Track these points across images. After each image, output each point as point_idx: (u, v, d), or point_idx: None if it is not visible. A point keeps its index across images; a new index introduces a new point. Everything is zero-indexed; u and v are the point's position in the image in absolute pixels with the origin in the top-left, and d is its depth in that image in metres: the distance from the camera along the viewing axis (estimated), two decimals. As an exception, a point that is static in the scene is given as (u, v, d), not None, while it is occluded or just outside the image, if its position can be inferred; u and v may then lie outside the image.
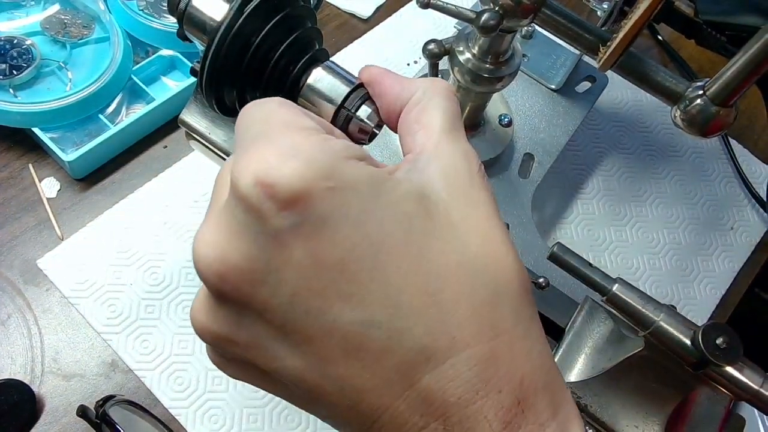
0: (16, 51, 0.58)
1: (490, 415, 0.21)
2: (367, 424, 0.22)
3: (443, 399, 0.21)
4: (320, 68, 0.30)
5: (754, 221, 0.68)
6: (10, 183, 0.57)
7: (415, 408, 0.21)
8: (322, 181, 0.20)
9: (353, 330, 0.20)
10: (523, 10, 0.40)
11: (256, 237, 0.20)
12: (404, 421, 0.21)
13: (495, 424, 0.21)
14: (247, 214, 0.20)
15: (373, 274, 0.21)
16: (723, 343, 0.36)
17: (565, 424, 0.22)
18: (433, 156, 0.24)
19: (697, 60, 0.77)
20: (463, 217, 0.22)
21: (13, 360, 0.50)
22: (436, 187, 0.23)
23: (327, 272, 0.20)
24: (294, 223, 0.20)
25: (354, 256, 0.20)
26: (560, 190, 0.66)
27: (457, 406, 0.20)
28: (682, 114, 0.42)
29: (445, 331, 0.21)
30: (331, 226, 0.20)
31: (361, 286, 0.20)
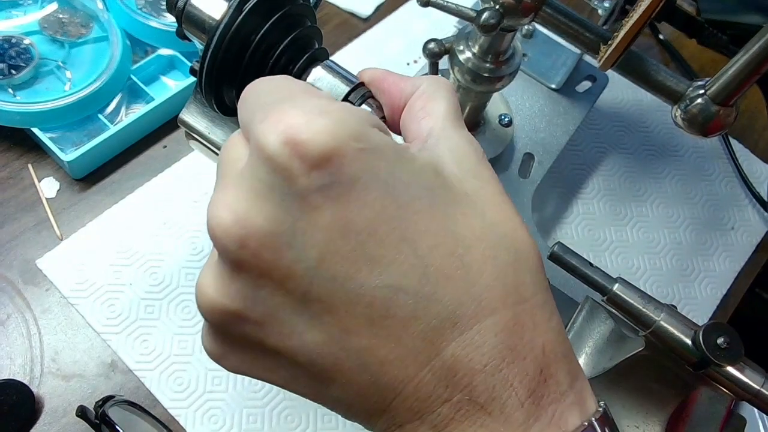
0: (15, 50, 0.58)
1: (515, 383, 0.20)
2: (386, 401, 0.21)
3: (470, 367, 0.20)
4: (320, 67, 0.30)
5: (755, 221, 0.67)
6: (9, 183, 0.57)
7: (440, 378, 0.20)
8: (352, 141, 0.20)
9: (380, 296, 0.20)
10: (524, 8, 0.40)
11: (282, 198, 0.19)
12: (428, 394, 0.20)
13: (521, 392, 0.20)
14: (274, 175, 0.19)
15: (402, 237, 0.20)
16: (724, 343, 0.36)
17: (581, 393, 0.22)
18: (441, 137, 0.24)
19: (698, 59, 0.77)
20: (476, 189, 0.22)
21: (13, 360, 0.50)
22: (447, 163, 0.23)
23: (356, 235, 0.20)
24: (324, 184, 0.19)
25: (383, 219, 0.20)
26: (560, 190, 0.65)
27: (483, 374, 0.20)
28: (683, 113, 0.42)
29: (473, 296, 0.20)
30: (361, 187, 0.20)
31: (390, 250, 0.20)
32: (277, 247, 0.20)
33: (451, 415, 0.20)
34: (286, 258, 0.20)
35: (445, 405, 0.20)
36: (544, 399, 0.21)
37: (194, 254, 0.56)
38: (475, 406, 0.20)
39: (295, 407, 0.51)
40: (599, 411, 0.22)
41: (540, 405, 0.20)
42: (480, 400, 0.20)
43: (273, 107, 0.21)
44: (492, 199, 0.23)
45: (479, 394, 0.20)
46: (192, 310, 0.53)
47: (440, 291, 0.20)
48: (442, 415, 0.20)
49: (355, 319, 0.20)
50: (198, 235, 0.57)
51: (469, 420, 0.20)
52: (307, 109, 0.20)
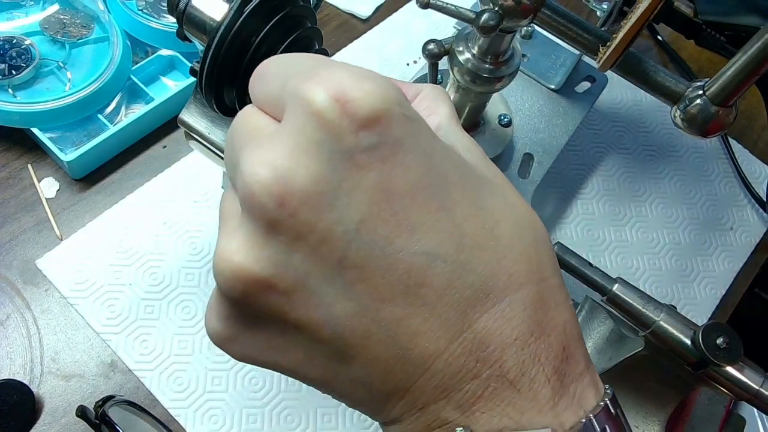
0: (15, 51, 0.58)
1: (542, 358, 0.20)
2: (412, 378, 0.20)
3: (501, 340, 0.20)
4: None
5: (754, 221, 0.68)
6: (9, 183, 0.57)
7: (471, 351, 0.20)
8: (398, 106, 0.20)
9: (418, 263, 0.19)
10: (523, 10, 0.40)
11: (329, 156, 0.19)
12: (458, 369, 0.20)
13: (548, 369, 0.20)
14: (322, 131, 0.19)
15: (441, 205, 0.20)
16: (723, 343, 0.36)
17: (594, 374, 0.22)
18: (449, 132, 0.24)
19: (697, 60, 0.77)
20: (493, 176, 0.23)
21: (13, 360, 0.50)
22: (461, 152, 0.23)
23: (398, 199, 0.19)
24: (372, 144, 0.19)
25: (424, 185, 0.20)
26: (560, 190, 0.66)
27: (513, 347, 0.20)
28: (682, 114, 0.42)
29: (503, 268, 0.20)
30: (406, 151, 0.20)
31: (430, 216, 0.20)
32: (318, 208, 0.19)
33: (479, 392, 0.20)
34: (326, 219, 0.19)
35: (473, 381, 0.20)
36: (567, 377, 0.21)
37: (194, 254, 0.56)
38: (504, 382, 0.20)
39: (295, 407, 0.51)
40: (608, 393, 0.22)
41: (563, 383, 0.20)
42: (509, 376, 0.20)
43: (314, 70, 0.20)
44: (507, 184, 0.23)
45: (509, 369, 0.20)
46: (192, 310, 0.54)
47: (474, 261, 0.20)
48: (470, 393, 0.20)
49: (391, 287, 0.20)
50: (198, 235, 0.57)
51: (497, 398, 0.20)
52: (354, 71, 0.20)
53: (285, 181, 0.19)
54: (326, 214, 0.19)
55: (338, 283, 0.20)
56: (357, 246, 0.19)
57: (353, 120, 0.19)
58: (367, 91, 0.19)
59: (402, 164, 0.19)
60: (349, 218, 0.19)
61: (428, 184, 0.20)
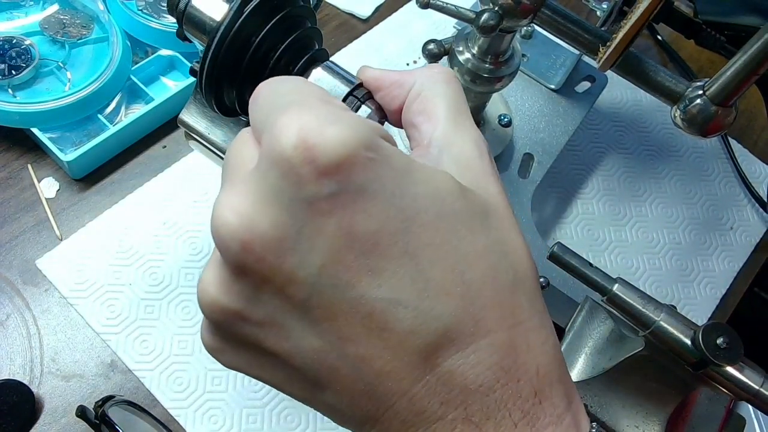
0: (15, 51, 0.58)
1: (509, 404, 0.20)
2: (379, 412, 0.21)
3: (464, 386, 0.20)
4: (320, 68, 0.30)
5: (754, 221, 0.68)
6: (9, 183, 0.57)
7: (434, 394, 0.20)
8: (364, 150, 0.20)
9: (379, 307, 0.20)
10: (523, 10, 0.40)
11: (290, 203, 0.19)
12: (422, 409, 0.20)
13: (515, 413, 0.20)
14: (283, 179, 0.19)
15: (405, 250, 0.20)
16: (723, 343, 0.36)
17: (577, 415, 0.22)
18: (443, 146, 0.24)
19: (697, 60, 0.77)
20: (482, 204, 0.22)
21: (12, 360, 0.50)
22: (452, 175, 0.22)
23: (359, 244, 0.20)
24: (332, 191, 0.19)
25: (387, 230, 0.20)
26: (560, 190, 0.66)
27: (477, 393, 0.20)
28: (682, 114, 0.42)
29: (471, 314, 0.20)
30: (369, 197, 0.20)
31: (392, 262, 0.20)
32: (280, 252, 0.20)
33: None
34: (289, 263, 0.20)
35: (439, 422, 0.20)
36: (540, 421, 0.21)
37: (194, 254, 0.56)
38: (471, 424, 0.20)
39: (294, 407, 0.51)
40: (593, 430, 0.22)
41: (535, 427, 0.21)
42: (474, 419, 0.20)
43: (287, 109, 0.20)
44: (496, 215, 0.22)
45: (474, 412, 0.20)
46: (192, 310, 0.54)
47: (439, 307, 0.20)
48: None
49: (353, 328, 0.20)
50: (198, 235, 0.57)
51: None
52: (322, 115, 0.20)
53: (248, 227, 0.20)
54: (289, 258, 0.20)
55: (305, 320, 0.20)
56: (319, 289, 0.20)
57: (314, 167, 0.19)
58: (330, 137, 0.19)
59: (363, 211, 0.20)
60: (311, 263, 0.20)
61: (393, 229, 0.20)
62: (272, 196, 0.20)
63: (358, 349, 0.20)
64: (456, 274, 0.20)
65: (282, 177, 0.19)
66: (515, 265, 0.22)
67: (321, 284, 0.20)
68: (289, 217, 0.20)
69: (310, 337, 0.21)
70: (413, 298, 0.20)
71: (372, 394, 0.21)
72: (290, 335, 0.21)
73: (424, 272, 0.20)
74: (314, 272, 0.20)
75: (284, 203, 0.20)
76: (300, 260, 0.20)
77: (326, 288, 0.20)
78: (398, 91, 0.26)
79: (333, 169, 0.19)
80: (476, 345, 0.20)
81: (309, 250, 0.20)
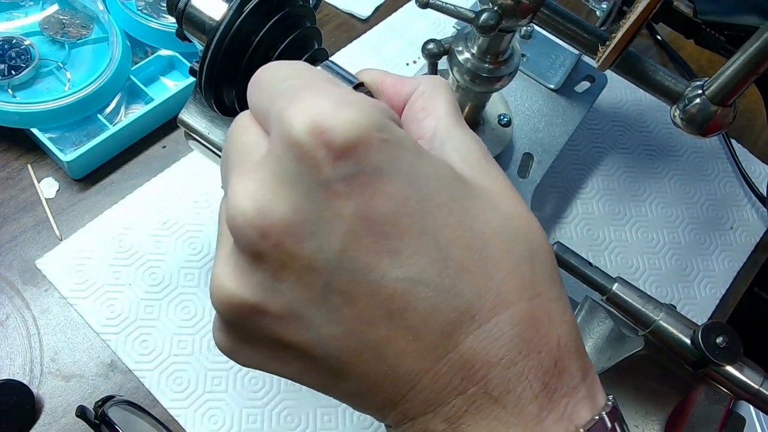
0: (15, 51, 0.58)
1: (530, 375, 0.20)
2: (401, 393, 0.21)
3: (486, 360, 0.20)
4: (320, 68, 0.30)
5: (754, 221, 0.68)
6: (8, 183, 0.57)
7: (456, 370, 0.20)
8: (376, 131, 0.20)
9: (401, 288, 0.20)
10: (522, 9, 0.40)
11: (307, 187, 0.19)
12: (444, 386, 0.20)
13: (535, 385, 0.20)
14: (299, 163, 0.19)
15: (423, 230, 0.20)
16: (723, 343, 0.36)
17: (592, 387, 0.22)
18: (446, 137, 0.24)
19: (697, 60, 0.77)
20: (489, 185, 0.23)
21: (12, 360, 0.50)
22: (456, 163, 0.23)
23: (379, 226, 0.20)
24: (349, 173, 0.19)
25: (405, 211, 0.20)
26: (560, 190, 0.66)
27: (499, 367, 0.20)
28: (682, 113, 0.42)
29: (491, 289, 0.20)
30: (385, 178, 0.20)
31: (412, 242, 0.20)
32: (299, 238, 0.20)
33: (464, 407, 0.20)
34: (308, 249, 0.20)
35: (459, 397, 0.20)
36: (558, 392, 0.21)
37: (194, 254, 0.56)
38: (490, 398, 0.20)
39: (295, 407, 0.51)
40: (608, 405, 0.22)
41: (553, 398, 0.21)
42: (494, 393, 0.20)
43: (296, 93, 0.20)
44: (504, 194, 0.23)
45: (494, 387, 0.20)
46: (191, 310, 0.54)
47: (460, 284, 0.20)
48: (456, 407, 0.20)
49: (375, 311, 0.20)
50: (197, 235, 0.57)
51: (483, 413, 0.20)
52: (332, 97, 0.20)
53: (266, 213, 0.20)
54: (307, 243, 0.20)
55: (325, 307, 0.20)
56: (339, 273, 0.20)
57: (330, 150, 0.19)
58: (343, 120, 0.19)
59: (381, 191, 0.20)
60: (330, 247, 0.20)
61: (410, 209, 0.20)
62: (289, 181, 0.20)
63: (379, 332, 0.20)
64: (474, 251, 0.21)
65: (297, 161, 0.19)
66: (529, 238, 0.22)
67: (341, 268, 0.20)
68: (307, 201, 0.19)
69: (330, 325, 0.20)
70: (434, 277, 0.20)
71: (394, 376, 0.21)
72: (310, 325, 0.21)
73: (443, 251, 0.20)
74: (334, 256, 0.20)
75: (301, 187, 0.19)
76: (319, 245, 0.20)
77: (346, 272, 0.20)
78: (399, 92, 0.27)
79: (348, 152, 0.19)
80: (498, 318, 0.20)
81: (328, 234, 0.19)
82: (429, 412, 0.21)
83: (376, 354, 0.20)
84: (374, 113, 0.20)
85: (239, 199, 0.20)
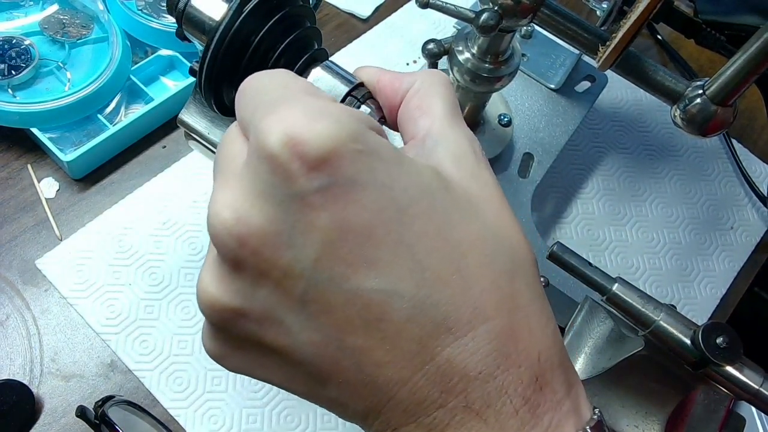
0: (15, 51, 0.58)
1: (510, 390, 0.20)
2: (381, 403, 0.21)
3: (464, 373, 0.20)
4: (319, 68, 0.30)
5: (754, 221, 0.68)
6: (8, 183, 0.57)
7: (434, 383, 0.20)
8: (351, 143, 0.20)
9: (376, 299, 0.20)
10: (522, 9, 0.40)
11: (282, 198, 0.20)
12: (423, 398, 0.20)
13: (516, 400, 0.20)
14: (274, 175, 0.20)
15: (399, 240, 0.20)
16: (723, 343, 0.36)
17: (577, 401, 0.22)
18: (439, 139, 0.24)
19: (697, 59, 0.77)
20: (476, 192, 0.22)
21: (12, 360, 0.50)
22: (446, 167, 0.23)
23: (353, 236, 0.20)
24: (323, 185, 0.19)
25: (381, 221, 0.20)
26: (559, 190, 0.66)
27: (478, 380, 0.20)
28: (682, 113, 0.42)
29: (468, 302, 0.20)
30: (360, 189, 0.20)
31: (387, 252, 0.20)
32: (276, 247, 0.20)
33: (446, 420, 0.20)
34: (284, 257, 0.20)
35: (440, 410, 0.20)
36: (540, 407, 0.21)
37: (193, 254, 0.56)
38: (471, 412, 0.20)
39: (294, 407, 0.51)
40: (594, 419, 0.22)
41: (536, 413, 0.21)
42: (475, 407, 0.20)
43: (273, 105, 0.21)
44: (491, 203, 0.23)
45: (474, 400, 0.20)
46: (191, 310, 0.54)
47: (436, 295, 0.20)
48: (438, 420, 0.20)
49: (351, 321, 0.20)
50: (197, 235, 0.57)
51: (464, 426, 0.20)
52: (308, 110, 0.20)
53: (243, 222, 0.20)
54: (284, 252, 0.20)
55: (303, 314, 0.21)
56: (316, 282, 0.20)
57: (303, 162, 0.19)
58: (318, 132, 0.19)
59: (355, 202, 0.20)
60: (306, 257, 0.20)
61: (386, 219, 0.20)
62: (264, 191, 0.20)
63: (356, 340, 0.20)
64: (452, 262, 0.21)
65: (272, 173, 0.20)
66: (512, 251, 0.22)
67: (317, 278, 0.20)
68: (283, 212, 0.20)
69: (309, 331, 0.21)
70: (410, 287, 0.20)
71: (373, 386, 0.21)
72: (290, 330, 0.21)
73: (419, 262, 0.20)
74: (309, 266, 0.20)
75: (276, 198, 0.20)
76: (295, 254, 0.20)
77: (322, 281, 0.20)
78: (397, 90, 0.27)
79: (321, 163, 0.19)
80: (475, 332, 0.20)
81: (303, 245, 0.20)
82: (411, 422, 0.21)
83: (354, 362, 0.21)
84: (350, 124, 0.20)
85: (219, 208, 0.21)
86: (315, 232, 0.20)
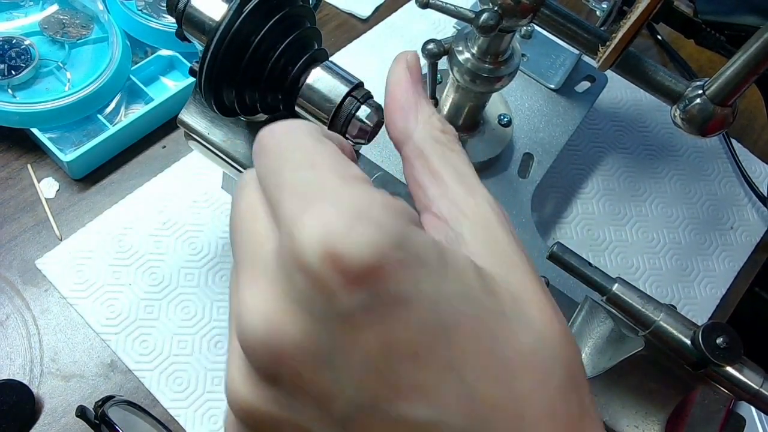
0: (15, 51, 0.58)
1: None
2: None
3: None
4: (319, 68, 0.30)
5: (754, 221, 0.68)
6: (8, 183, 0.57)
7: None
8: (393, 251, 0.18)
9: (423, 428, 0.18)
10: (522, 9, 0.40)
11: (321, 314, 0.18)
12: None
13: None
14: (311, 288, 0.18)
15: (447, 362, 0.18)
16: (723, 343, 0.36)
17: None
18: (463, 220, 0.22)
19: (697, 59, 0.77)
20: (516, 286, 0.21)
21: (12, 360, 0.50)
22: (482, 257, 0.21)
23: (399, 358, 0.18)
24: (366, 303, 0.17)
25: (428, 342, 0.18)
26: (560, 190, 0.66)
27: None
28: (682, 113, 0.42)
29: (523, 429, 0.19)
30: (405, 305, 0.18)
31: (435, 376, 0.18)
32: (315, 367, 0.18)
33: None
34: (325, 379, 0.18)
35: None
36: None
37: (193, 254, 0.56)
38: None
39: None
40: None
41: None
42: None
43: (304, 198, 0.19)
44: (533, 298, 0.21)
45: None
46: (191, 310, 0.54)
47: (489, 425, 0.18)
48: None
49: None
50: (197, 235, 0.57)
51: None
52: (344, 208, 0.18)
53: (278, 334, 0.18)
54: (324, 372, 0.18)
55: None
56: (357, 407, 0.18)
57: (344, 276, 0.17)
58: (358, 242, 0.17)
59: (401, 320, 0.18)
60: (348, 379, 0.18)
61: (433, 338, 0.18)
62: (301, 302, 0.18)
63: None
64: (503, 384, 0.19)
65: (310, 285, 0.18)
66: (567, 360, 0.20)
67: (359, 402, 0.18)
68: (323, 329, 0.18)
69: None
70: (459, 417, 0.18)
71: None
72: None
73: (470, 386, 0.18)
74: (352, 389, 0.18)
75: (315, 314, 0.18)
76: (336, 377, 0.18)
77: (365, 406, 0.18)
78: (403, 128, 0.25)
79: (364, 278, 0.17)
80: None
81: (345, 367, 0.18)
82: None
83: None
84: (391, 227, 0.18)
85: (250, 314, 0.19)
86: (357, 354, 0.18)
